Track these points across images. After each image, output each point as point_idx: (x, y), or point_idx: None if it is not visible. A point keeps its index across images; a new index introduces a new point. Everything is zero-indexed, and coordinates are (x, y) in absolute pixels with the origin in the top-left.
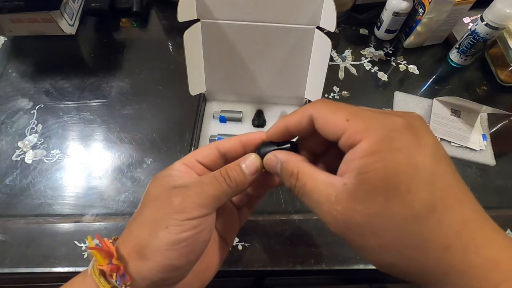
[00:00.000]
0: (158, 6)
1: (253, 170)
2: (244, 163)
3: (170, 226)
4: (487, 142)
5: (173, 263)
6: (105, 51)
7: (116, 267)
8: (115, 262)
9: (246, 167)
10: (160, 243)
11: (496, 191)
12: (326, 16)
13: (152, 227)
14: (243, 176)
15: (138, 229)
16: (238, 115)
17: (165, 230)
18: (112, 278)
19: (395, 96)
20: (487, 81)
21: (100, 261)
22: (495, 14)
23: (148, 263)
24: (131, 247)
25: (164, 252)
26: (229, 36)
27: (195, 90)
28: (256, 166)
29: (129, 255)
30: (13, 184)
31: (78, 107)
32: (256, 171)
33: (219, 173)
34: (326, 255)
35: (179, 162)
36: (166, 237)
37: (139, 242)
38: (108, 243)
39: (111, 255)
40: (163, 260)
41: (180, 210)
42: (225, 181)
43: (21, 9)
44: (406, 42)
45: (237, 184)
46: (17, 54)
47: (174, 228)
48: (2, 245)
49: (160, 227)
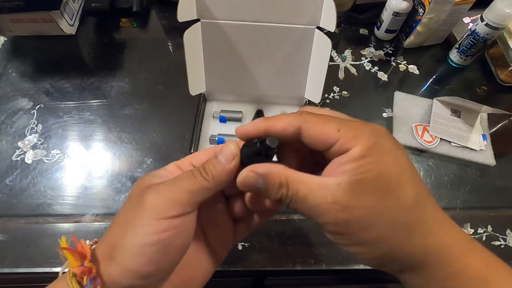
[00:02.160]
0: (158, 6)
1: (229, 156)
2: (219, 153)
3: (138, 226)
4: (487, 142)
5: (141, 269)
6: (105, 51)
7: (87, 269)
8: (87, 264)
9: (221, 155)
10: (128, 245)
11: (496, 191)
12: (326, 16)
13: (122, 227)
14: (219, 166)
15: (111, 229)
16: (238, 115)
17: (133, 230)
18: (83, 281)
19: (395, 96)
20: (487, 81)
21: (72, 262)
22: (495, 14)
23: (117, 266)
24: (104, 249)
25: (132, 256)
26: (229, 36)
27: (195, 90)
28: (231, 151)
29: (102, 257)
30: (13, 184)
31: (78, 107)
32: (233, 158)
33: (196, 168)
34: (326, 255)
35: (172, 164)
36: (134, 238)
37: (110, 243)
38: (84, 244)
39: (83, 256)
40: (131, 265)
41: (150, 207)
42: (200, 174)
43: (21, 9)
44: (406, 42)
45: (214, 176)
46: (17, 54)
47: (143, 229)
48: (2, 245)
49: (129, 227)
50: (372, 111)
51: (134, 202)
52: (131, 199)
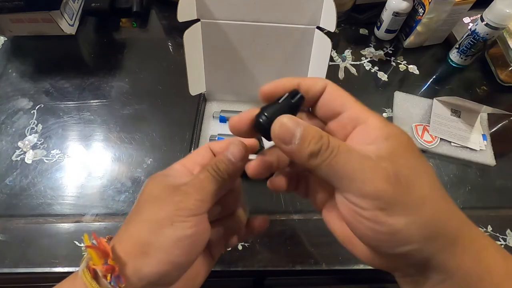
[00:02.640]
0: (158, 6)
1: (238, 155)
2: (228, 152)
3: (175, 223)
4: (487, 142)
5: (176, 260)
6: (105, 51)
7: (111, 267)
8: (110, 263)
9: (231, 155)
10: (166, 240)
11: (496, 191)
12: (326, 16)
13: (155, 225)
14: (232, 165)
15: (137, 228)
16: None
17: (170, 227)
18: (106, 279)
19: (395, 96)
20: (487, 81)
21: (96, 260)
22: (495, 14)
23: (149, 260)
24: (130, 247)
25: (168, 249)
26: (229, 36)
27: (195, 90)
28: (239, 150)
29: (128, 255)
30: (13, 184)
31: (78, 107)
32: (242, 155)
33: (211, 168)
34: (326, 255)
35: (177, 163)
36: (172, 234)
37: (139, 240)
38: (104, 242)
39: (106, 255)
40: (166, 256)
41: (184, 207)
42: (218, 175)
43: (21, 9)
44: (406, 42)
45: (229, 174)
46: (17, 54)
47: (180, 225)
48: (2, 245)
49: (164, 224)
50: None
51: (163, 202)
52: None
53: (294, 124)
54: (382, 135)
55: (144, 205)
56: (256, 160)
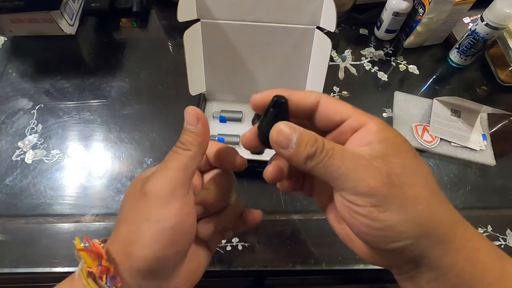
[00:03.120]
0: (158, 6)
1: (193, 120)
2: (186, 122)
3: (149, 216)
4: (487, 142)
5: (160, 254)
6: (105, 51)
7: (105, 268)
8: (104, 264)
9: (188, 123)
10: (144, 236)
11: (496, 191)
12: (326, 16)
13: (133, 222)
14: (191, 133)
15: (121, 227)
16: (238, 115)
17: (146, 222)
18: (102, 280)
19: (395, 96)
20: (487, 81)
21: (89, 263)
22: (495, 14)
23: (135, 259)
24: (118, 246)
25: (149, 245)
26: (229, 36)
27: (195, 90)
28: (192, 114)
29: (118, 255)
30: (13, 184)
31: (78, 107)
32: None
33: (175, 146)
34: (326, 255)
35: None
36: (149, 229)
37: (124, 240)
38: (97, 244)
39: (100, 256)
40: (149, 252)
41: (154, 197)
42: (181, 148)
43: (21, 9)
44: (406, 42)
45: (192, 143)
46: (17, 54)
47: (155, 217)
48: (2, 245)
49: (140, 220)
50: (372, 111)
51: (135, 197)
52: (130, 194)
53: (291, 130)
54: (378, 137)
55: (123, 204)
56: (271, 166)
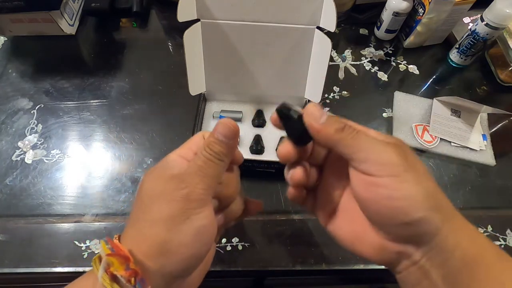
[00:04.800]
0: (158, 6)
1: (228, 134)
2: (216, 132)
3: (191, 216)
4: (487, 142)
5: (197, 252)
6: (105, 51)
7: (134, 272)
8: (132, 267)
9: (220, 135)
10: (185, 236)
11: (496, 191)
12: (326, 16)
13: (171, 222)
14: (223, 144)
15: (152, 228)
16: (238, 115)
17: (187, 222)
18: (131, 283)
19: (395, 96)
20: (487, 81)
21: (117, 267)
22: (495, 14)
23: (172, 259)
24: (149, 248)
25: (189, 244)
26: (229, 36)
27: (195, 90)
28: (227, 127)
29: (147, 256)
30: (13, 184)
31: (78, 107)
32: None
33: (206, 152)
34: (326, 255)
35: (172, 154)
36: (190, 228)
37: (157, 240)
38: (123, 248)
39: (127, 259)
40: (188, 251)
41: (194, 199)
42: (214, 157)
43: (21, 9)
44: (406, 42)
45: (224, 154)
46: (17, 54)
47: (195, 217)
48: (2, 245)
49: (180, 220)
50: (372, 111)
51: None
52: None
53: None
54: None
55: (150, 202)
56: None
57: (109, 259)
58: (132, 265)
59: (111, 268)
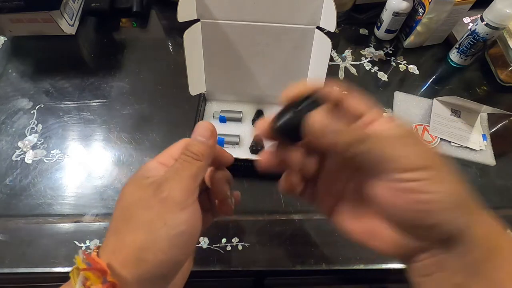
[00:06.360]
0: (158, 6)
1: (207, 134)
2: (195, 133)
3: (168, 220)
4: (487, 142)
5: (176, 258)
6: (105, 51)
7: (111, 284)
8: (110, 279)
9: (199, 135)
10: (162, 242)
11: (496, 191)
12: (326, 16)
13: (148, 228)
14: (202, 145)
15: (131, 236)
16: (238, 115)
17: (164, 227)
18: None
19: (395, 96)
20: (487, 81)
21: (94, 281)
22: (495, 14)
23: (149, 265)
24: (127, 256)
25: (166, 250)
26: (229, 36)
27: (195, 90)
28: (206, 128)
29: (126, 266)
30: (13, 184)
31: (78, 107)
32: (209, 133)
33: (184, 154)
34: (326, 255)
35: (151, 161)
36: (167, 233)
37: (135, 247)
38: (100, 261)
39: (104, 272)
40: (166, 257)
41: (172, 202)
42: (192, 158)
43: (21, 9)
44: (406, 42)
45: (203, 154)
46: (17, 54)
47: (173, 222)
48: (2, 245)
49: (157, 226)
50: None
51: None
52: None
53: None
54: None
55: (130, 210)
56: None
57: (85, 274)
58: (109, 278)
59: (88, 283)
